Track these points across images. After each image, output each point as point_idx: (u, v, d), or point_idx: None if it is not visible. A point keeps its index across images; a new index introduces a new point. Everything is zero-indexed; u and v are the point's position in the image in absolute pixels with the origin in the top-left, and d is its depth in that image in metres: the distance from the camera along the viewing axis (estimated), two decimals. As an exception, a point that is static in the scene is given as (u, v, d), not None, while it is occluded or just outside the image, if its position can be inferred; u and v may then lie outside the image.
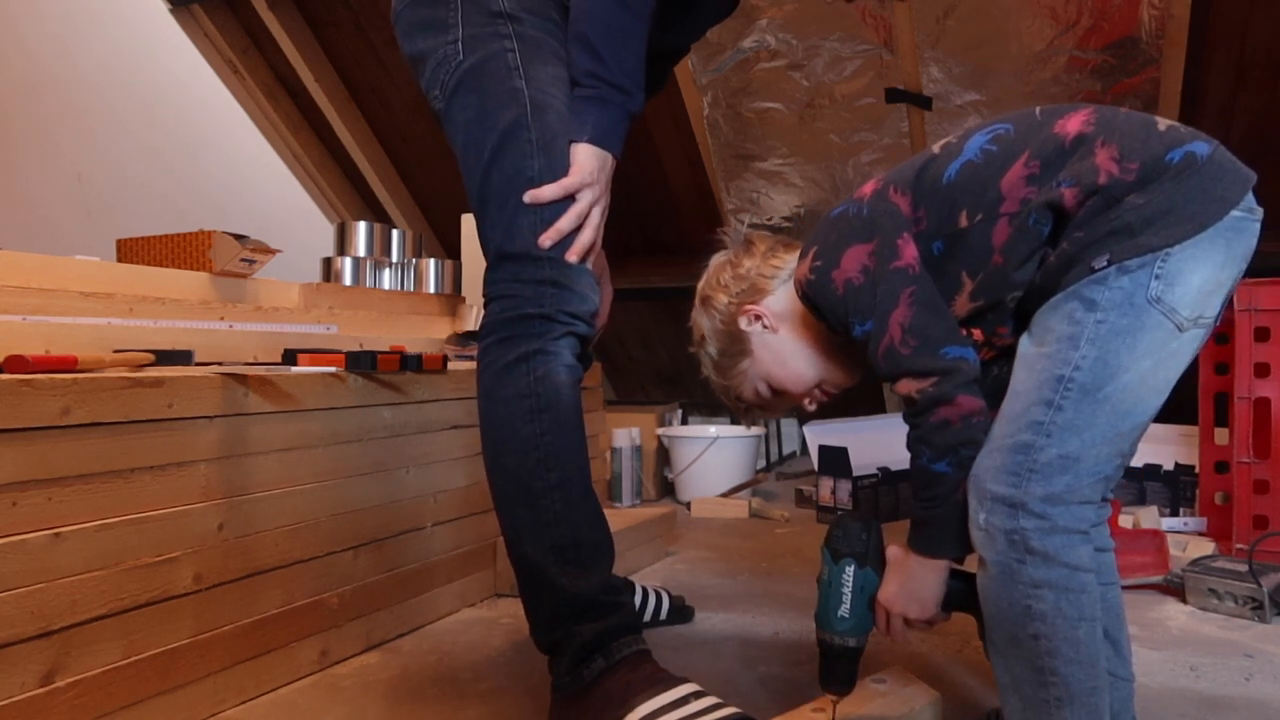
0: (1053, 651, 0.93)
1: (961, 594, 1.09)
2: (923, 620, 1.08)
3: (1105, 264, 0.92)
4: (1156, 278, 0.92)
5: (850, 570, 1.09)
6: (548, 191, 1.19)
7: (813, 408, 1.24)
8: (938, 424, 1.00)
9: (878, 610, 1.10)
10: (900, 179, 1.08)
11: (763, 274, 1.22)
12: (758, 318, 1.21)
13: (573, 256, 1.20)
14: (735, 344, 1.23)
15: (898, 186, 1.08)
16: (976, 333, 1.08)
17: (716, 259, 1.28)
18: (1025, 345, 1.00)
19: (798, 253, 1.20)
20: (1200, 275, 0.92)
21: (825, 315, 1.11)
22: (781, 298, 1.21)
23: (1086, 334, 0.93)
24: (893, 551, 1.10)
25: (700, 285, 1.27)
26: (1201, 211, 0.92)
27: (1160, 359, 0.94)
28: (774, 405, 1.26)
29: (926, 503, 1.04)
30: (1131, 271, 0.92)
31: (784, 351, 1.21)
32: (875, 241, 1.06)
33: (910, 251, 1.04)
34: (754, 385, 1.24)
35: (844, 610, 1.09)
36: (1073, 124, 0.99)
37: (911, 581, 1.07)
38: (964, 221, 1.03)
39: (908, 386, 1.02)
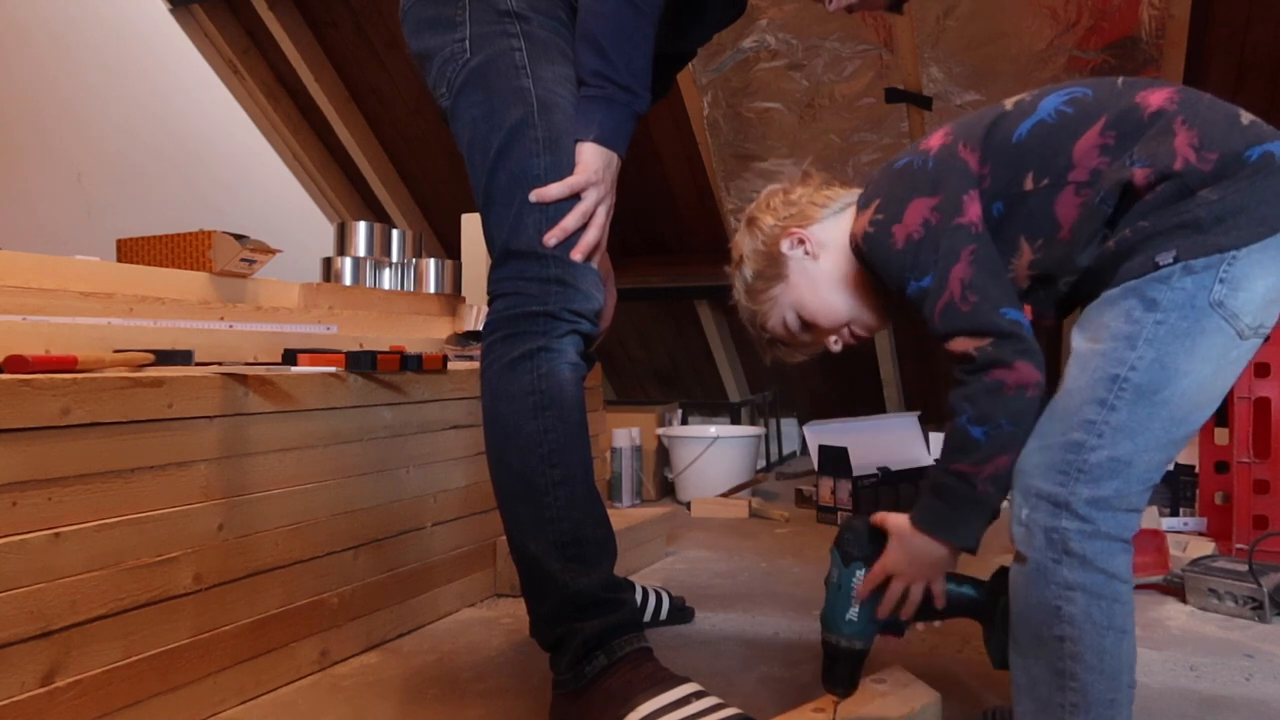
0: (1076, 656, 0.91)
1: (972, 601, 1.09)
2: (924, 595, 1.06)
3: (1171, 260, 0.89)
4: (1221, 281, 0.88)
5: (860, 573, 1.08)
6: (553, 190, 1.19)
7: (838, 348, 1.20)
8: (991, 385, 0.96)
9: (875, 575, 1.06)
10: (969, 134, 1.05)
11: (814, 202, 1.19)
12: (801, 242, 1.18)
13: (577, 255, 1.20)
14: (773, 266, 1.19)
15: (967, 142, 1.04)
16: (1027, 309, 1.05)
17: (770, 187, 1.25)
18: (1078, 340, 0.96)
19: (852, 191, 1.19)
20: (1265, 282, 0.89)
21: (879, 270, 1.08)
22: (829, 227, 1.18)
23: (1144, 334, 0.90)
24: (897, 521, 1.06)
25: (750, 208, 1.25)
26: (1274, 215, 0.88)
27: (1219, 366, 0.91)
28: (797, 342, 1.22)
29: (950, 472, 1.00)
30: (1196, 272, 0.88)
31: (821, 281, 1.17)
32: (940, 196, 1.02)
33: (974, 209, 1.01)
34: (783, 314, 1.20)
35: (852, 613, 1.09)
36: (1156, 98, 0.95)
37: (916, 554, 1.04)
38: (1029, 184, 0.99)
39: (964, 344, 0.98)
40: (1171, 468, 2.50)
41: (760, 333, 1.24)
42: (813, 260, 1.18)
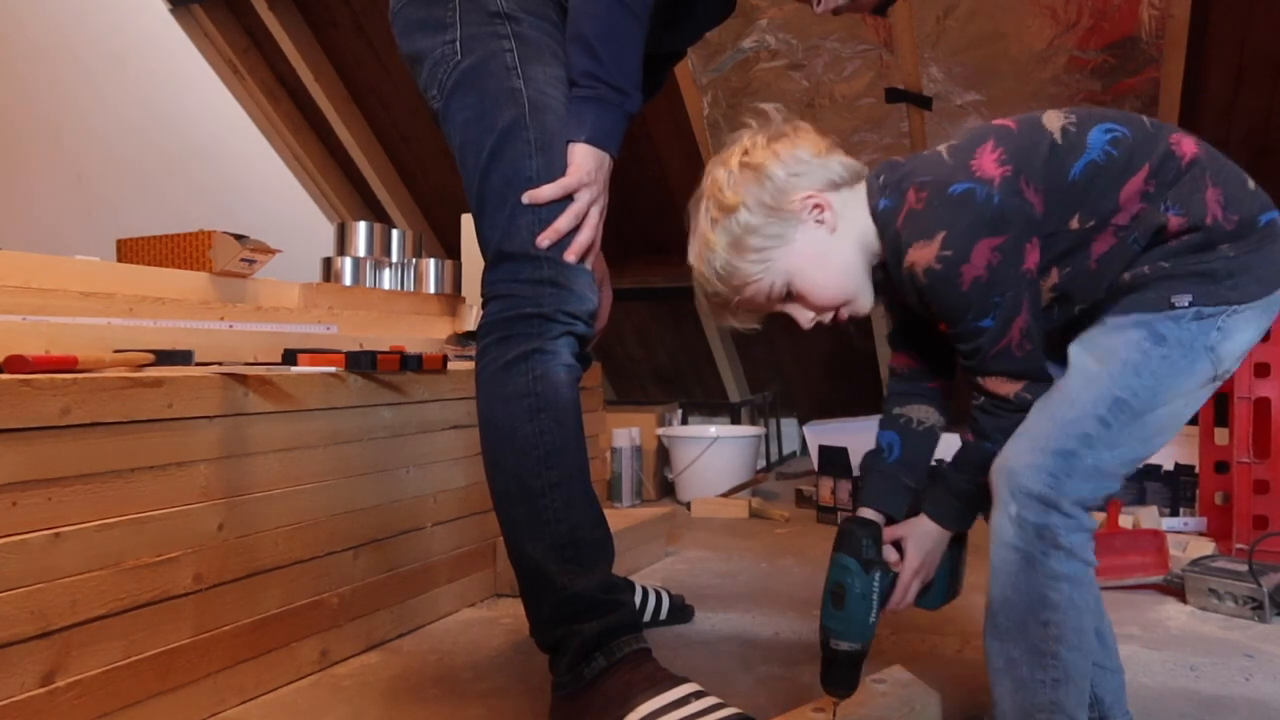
0: (1060, 638, 0.99)
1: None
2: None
3: (1186, 304, 0.98)
4: (1219, 329, 0.98)
5: (878, 577, 1.09)
6: (546, 191, 1.19)
7: (808, 326, 1.13)
8: (1018, 421, 1.04)
9: (905, 580, 1.13)
10: (1030, 169, 1.02)
11: (828, 166, 1.11)
12: (820, 208, 1.09)
13: (571, 256, 1.20)
14: (779, 225, 1.08)
15: (1029, 178, 1.02)
16: None
17: (766, 129, 1.12)
18: (1082, 356, 1.03)
19: (855, 163, 1.13)
20: (1247, 335, 1.00)
21: (931, 300, 1.05)
22: (849, 200, 1.11)
23: (1151, 366, 0.98)
24: (915, 529, 1.13)
25: (745, 143, 1.11)
26: (1271, 278, 0.99)
27: (1189, 401, 1.01)
28: (766, 310, 1.14)
29: (974, 482, 1.08)
30: (1204, 318, 0.98)
31: (831, 255, 1.10)
32: (1004, 237, 1.00)
33: (1034, 256, 1.02)
34: (772, 280, 1.09)
35: (874, 617, 1.09)
36: (1188, 146, 1.02)
37: (935, 548, 1.13)
38: (1075, 224, 1.02)
39: (1003, 385, 1.05)
40: (1171, 467, 2.50)
41: (729, 292, 1.11)
42: (828, 232, 1.09)
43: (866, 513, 1.16)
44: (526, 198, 1.19)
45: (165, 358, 1.48)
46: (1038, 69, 2.67)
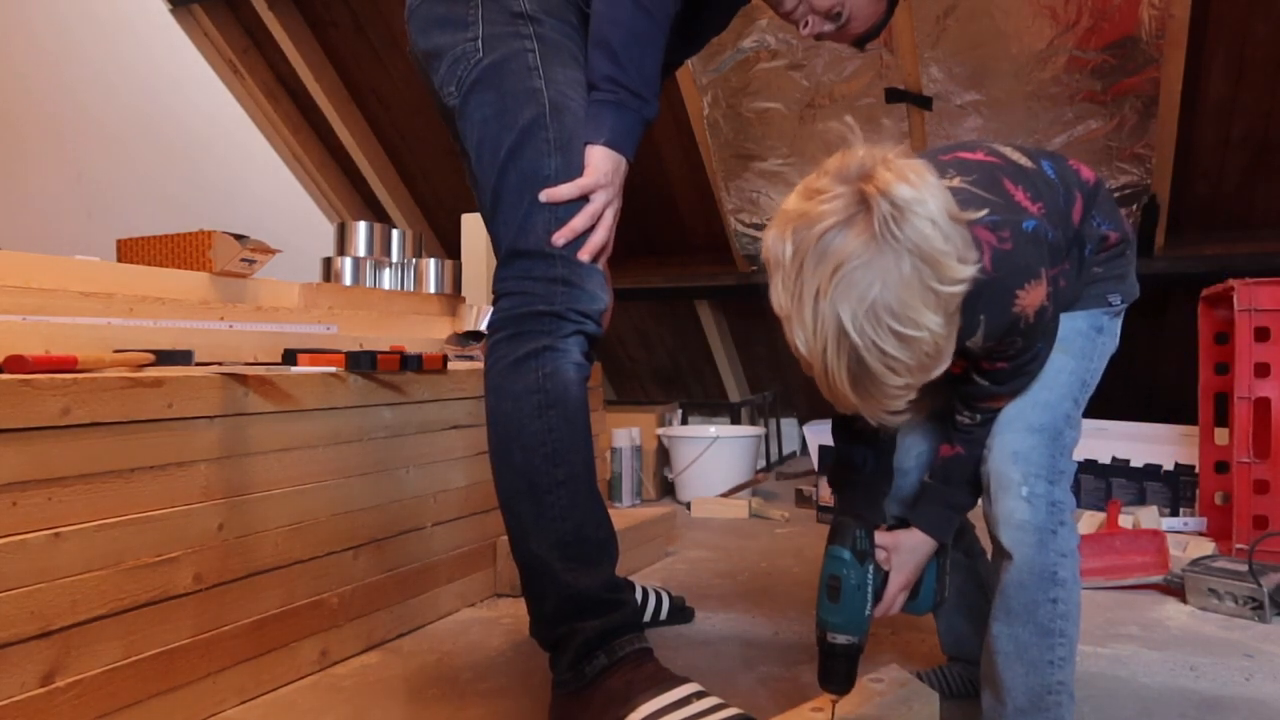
0: (1066, 615, 1.07)
1: None
2: None
3: (1119, 301, 1.14)
4: (1120, 321, 1.17)
5: (872, 568, 1.09)
6: (563, 190, 1.20)
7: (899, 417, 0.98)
8: None
9: (893, 592, 1.13)
10: (1054, 211, 1.04)
11: None
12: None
13: (585, 256, 1.21)
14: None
15: (1051, 215, 1.03)
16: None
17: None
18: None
19: None
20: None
21: (1022, 336, 1.03)
22: None
23: (1096, 351, 1.13)
24: (916, 541, 1.13)
25: (928, 179, 0.94)
26: (1135, 279, 1.19)
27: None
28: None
29: (967, 491, 1.14)
30: (1120, 312, 1.16)
31: None
32: (1058, 268, 1.05)
33: None
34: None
35: (869, 610, 1.09)
36: (1086, 171, 1.13)
37: (923, 556, 1.15)
38: None
39: (1004, 401, 1.10)
40: (1171, 467, 2.50)
41: (915, 383, 0.92)
42: None
43: None
44: (544, 196, 1.19)
45: (165, 358, 1.48)
46: (1038, 69, 2.67)
